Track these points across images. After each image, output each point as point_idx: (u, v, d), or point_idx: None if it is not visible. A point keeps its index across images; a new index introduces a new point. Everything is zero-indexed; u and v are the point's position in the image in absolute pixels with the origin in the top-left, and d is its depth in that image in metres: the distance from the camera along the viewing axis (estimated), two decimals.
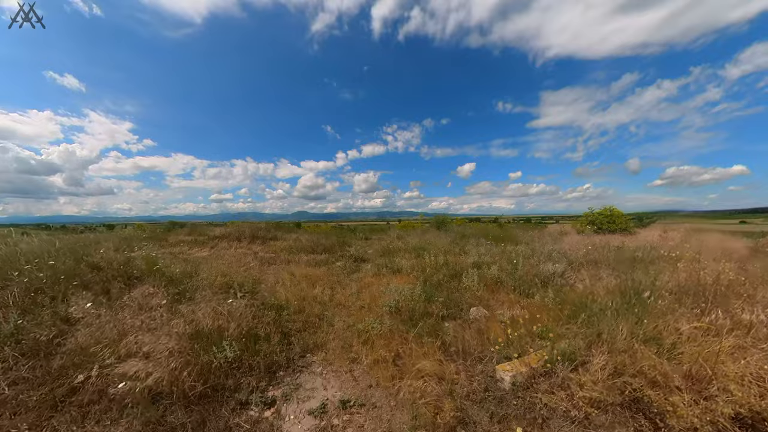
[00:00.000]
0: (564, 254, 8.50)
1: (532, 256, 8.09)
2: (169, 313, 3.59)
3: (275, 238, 13.35)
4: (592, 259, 7.43)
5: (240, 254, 10.01)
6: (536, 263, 7.34)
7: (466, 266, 7.05)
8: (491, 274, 5.99)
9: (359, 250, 10.80)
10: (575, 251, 9.70)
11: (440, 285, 5.82)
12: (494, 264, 7.23)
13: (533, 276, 6.10)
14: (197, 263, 8.29)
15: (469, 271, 6.06)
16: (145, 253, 10.53)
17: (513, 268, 6.68)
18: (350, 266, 7.97)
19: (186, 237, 18.89)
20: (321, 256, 9.29)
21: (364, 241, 15.82)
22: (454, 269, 6.75)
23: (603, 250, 8.67)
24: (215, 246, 11.76)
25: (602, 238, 12.80)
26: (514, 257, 7.60)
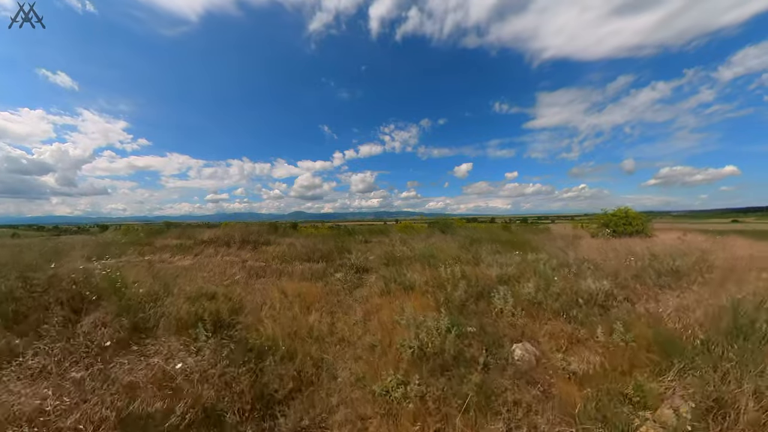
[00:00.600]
0: (593, 264, 7.48)
1: (561, 267, 7.07)
2: (99, 379, 2.45)
3: (268, 243, 12.20)
4: (636, 273, 6.42)
5: (227, 263, 8.87)
6: (572, 277, 6.31)
7: (491, 281, 6.00)
8: (526, 293, 4.94)
9: (359, 257, 9.71)
10: (603, 259, 8.70)
11: (465, 307, 4.76)
12: (523, 277, 6.20)
13: (573, 294, 5.07)
14: (175, 276, 7.16)
15: (498, 288, 5.00)
16: (117, 262, 9.36)
17: (546, 284, 5.65)
18: (351, 278, 6.88)
19: (175, 240, 17.69)
20: (318, 265, 8.20)
21: (364, 244, 14.73)
22: (477, 284, 5.70)
23: (638, 260, 7.68)
24: (201, 252, 10.60)
25: (621, 242, 11.85)
26: (542, 269, 6.57)
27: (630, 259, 7.51)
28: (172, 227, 24.59)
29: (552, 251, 9.49)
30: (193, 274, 7.41)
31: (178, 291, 5.16)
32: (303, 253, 9.40)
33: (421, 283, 5.50)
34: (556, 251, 9.54)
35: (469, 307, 4.76)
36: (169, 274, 7.24)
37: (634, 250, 9.62)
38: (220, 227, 32.93)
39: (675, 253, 8.86)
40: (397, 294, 5.25)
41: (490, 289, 5.31)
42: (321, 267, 7.98)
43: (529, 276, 6.14)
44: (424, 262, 7.95)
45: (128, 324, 3.61)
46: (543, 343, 3.81)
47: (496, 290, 5.01)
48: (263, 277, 7.07)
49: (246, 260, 9.19)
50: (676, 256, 8.37)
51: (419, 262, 8.09)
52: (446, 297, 4.91)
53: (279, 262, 8.68)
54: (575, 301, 4.87)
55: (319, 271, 7.50)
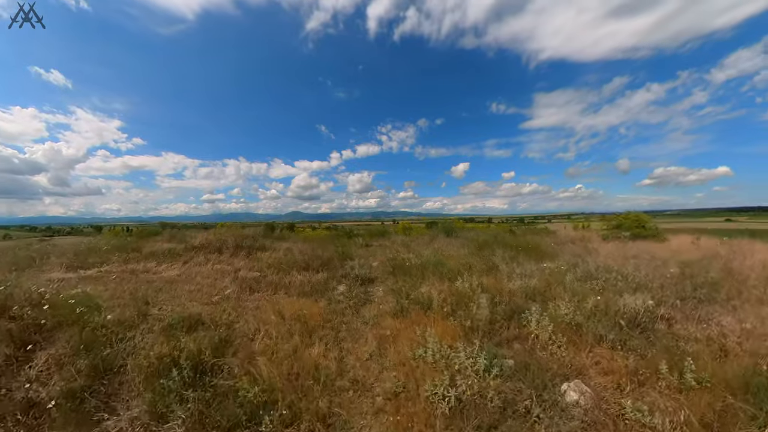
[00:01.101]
0: (620, 273, 6.88)
1: (587, 278, 6.45)
2: None
3: (263, 249, 11.43)
4: (665, 284, 5.81)
5: (218, 272, 8.12)
6: (604, 291, 5.68)
7: (516, 296, 5.35)
8: (562, 314, 4.27)
9: (362, 265, 9.02)
10: (627, 268, 8.12)
11: (494, 331, 4.10)
12: (549, 291, 5.56)
13: (614, 314, 4.43)
14: (157, 291, 6.40)
15: (530, 308, 4.34)
16: (97, 272, 8.54)
17: (578, 301, 5.02)
18: (356, 292, 6.19)
19: (165, 244, 16.81)
20: (318, 276, 7.49)
21: (365, 248, 14.04)
22: (502, 301, 5.04)
23: (663, 266, 7.09)
24: (191, 260, 9.81)
25: (636, 247, 11.31)
26: (569, 281, 5.95)
27: (659, 267, 6.91)
28: (167, 228, 23.72)
29: (569, 258, 8.88)
30: (178, 288, 6.66)
31: (155, 316, 4.41)
32: (301, 261, 8.67)
33: (438, 300, 4.82)
34: (574, 258, 8.94)
35: (500, 331, 4.09)
36: (151, 290, 6.48)
37: (657, 256, 9.07)
38: (215, 228, 32.04)
39: (695, 260, 8.32)
40: (413, 314, 4.56)
41: (520, 308, 4.65)
42: (322, 278, 7.27)
43: (556, 290, 5.51)
44: (435, 272, 7.29)
45: (87, 366, 2.88)
46: (595, 379, 3.17)
47: (528, 310, 4.36)
48: (257, 291, 6.34)
49: (239, 269, 8.44)
50: (703, 264, 7.82)
51: (429, 270, 7.42)
52: (472, 320, 4.22)
53: (275, 271, 7.94)
54: (616, 322, 4.24)
55: (320, 284, 6.79)
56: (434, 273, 7.11)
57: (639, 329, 4.00)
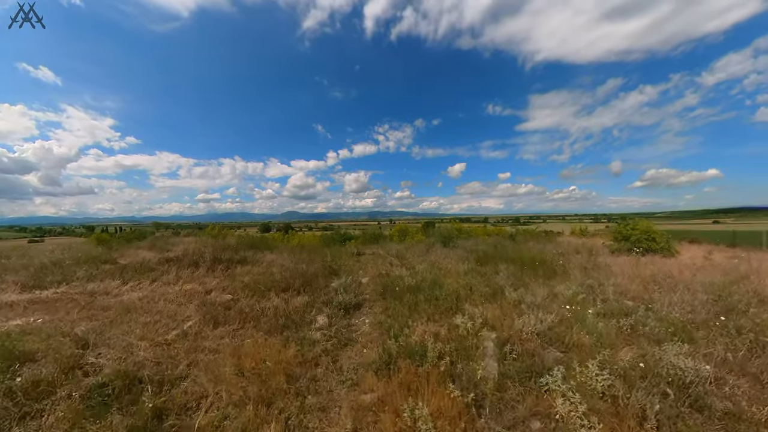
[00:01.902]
0: (646, 304, 6.04)
1: (611, 314, 5.59)
2: None
3: (244, 262, 10.48)
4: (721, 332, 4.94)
5: (186, 295, 7.17)
6: (637, 336, 4.82)
7: (531, 341, 4.47)
8: (592, 379, 3.38)
9: (350, 285, 8.11)
10: (649, 293, 7.27)
11: (505, 401, 3.21)
12: (568, 332, 4.68)
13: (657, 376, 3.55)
14: (106, 325, 5.44)
15: (553, 370, 3.45)
16: (52, 294, 7.55)
17: (608, 354, 4.15)
18: (338, 327, 5.27)
19: (145, 253, 15.82)
20: (298, 299, 6.57)
21: (356, 258, 13.13)
22: (513, 348, 4.16)
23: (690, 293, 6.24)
24: (160, 277, 8.84)
25: (650, 262, 10.50)
26: (591, 321, 5.07)
27: (682, 292, 6.05)
28: (161, 228, 22.64)
29: (581, 278, 8.03)
30: (133, 318, 5.71)
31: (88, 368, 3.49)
32: (281, 280, 7.74)
33: (434, 351, 3.92)
34: (586, 279, 8.09)
35: (513, 403, 3.20)
36: (101, 322, 5.53)
37: (676, 278, 8.24)
38: (205, 231, 30.98)
39: (721, 284, 7.48)
40: (402, 370, 3.65)
41: (537, 365, 3.77)
42: (301, 303, 6.35)
43: (578, 334, 4.63)
44: (430, 296, 6.40)
45: None
46: None
47: (549, 372, 3.47)
48: (223, 323, 5.40)
49: (210, 291, 7.49)
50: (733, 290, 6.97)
51: (424, 294, 6.53)
52: (476, 387, 3.32)
53: (250, 293, 7.01)
54: (660, 388, 3.36)
55: (297, 312, 5.87)
56: (429, 299, 6.22)
57: (690, 400, 3.13)
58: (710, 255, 11.89)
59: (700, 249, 13.63)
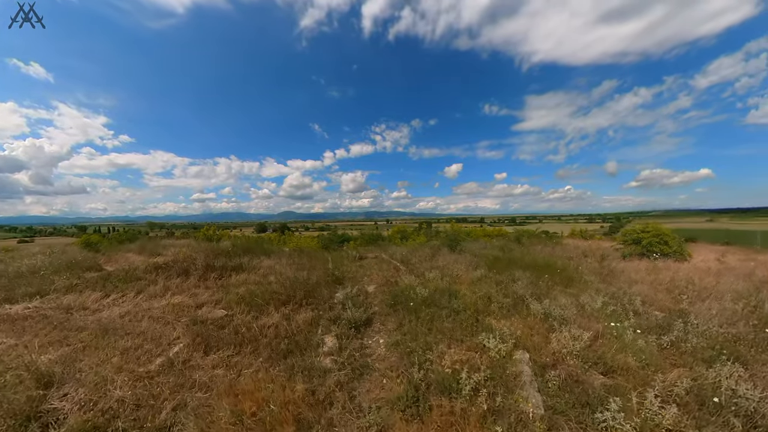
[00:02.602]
0: (683, 319, 5.53)
1: (648, 329, 5.06)
2: None
3: (239, 269, 9.75)
4: None
5: (174, 310, 6.45)
6: (681, 354, 4.28)
7: (569, 362, 3.88)
8: (659, 418, 2.82)
9: (356, 296, 7.47)
10: (675, 302, 6.78)
11: None
12: (607, 351, 4.11)
13: (729, 406, 3.02)
14: (78, 351, 4.72)
15: (608, 404, 2.88)
16: (23, 309, 6.75)
17: (660, 379, 3.60)
18: (350, 350, 4.64)
19: (135, 257, 14.97)
20: (300, 315, 5.91)
21: (358, 263, 12.49)
22: (555, 375, 3.58)
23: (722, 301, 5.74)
24: (147, 288, 8.09)
25: (666, 267, 10.06)
26: (629, 338, 4.51)
27: (707, 299, 5.55)
28: (155, 228, 21.76)
29: (601, 286, 7.51)
30: (112, 341, 4.99)
31: (50, 416, 2.79)
32: (281, 292, 7.06)
33: (468, 381, 3.30)
34: (606, 286, 7.57)
35: None
36: (73, 347, 4.80)
37: (697, 284, 7.77)
38: (198, 233, 30.02)
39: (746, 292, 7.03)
40: (434, 410, 3.03)
41: (587, 394, 3.19)
42: (304, 320, 5.69)
43: (620, 355, 4.07)
44: (448, 309, 5.81)
45: None
46: None
47: (604, 406, 2.88)
48: (216, 348, 4.72)
49: (202, 304, 6.78)
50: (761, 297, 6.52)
51: (440, 307, 5.94)
52: (523, 423, 2.73)
53: (246, 308, 6.33)
54: (726, 420, 2.82)
55: (301, 332, 5.20)
56: (447, 313, 5.63)
57: None
58: (723, 258, 11.52)
59: (711, 252, 13.30)
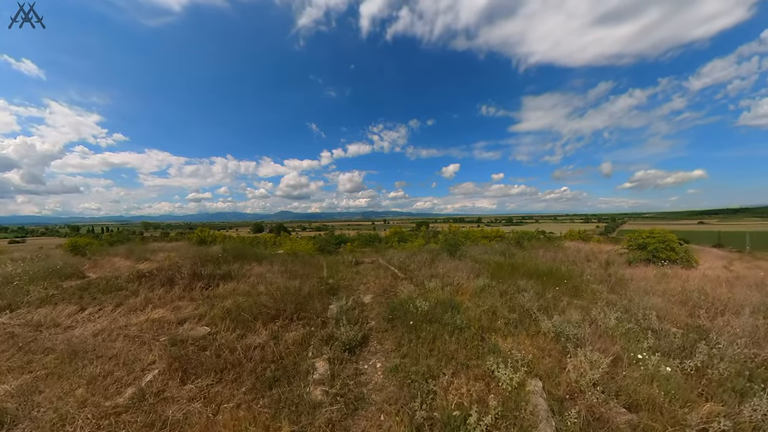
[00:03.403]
0: (704, 339, 5.18)
1: (671, 351, 4.68)
2: None
3: (228, 277, 9.24)
4: None
5: (152, 326, 5.95)
6: (714, 384, 3.90)
7: (589, 396, 3.47)
8: None
9: (351, 307, 7.03)
10: (692, 316, 6.42)
11: None
12: (632, 384, 3.71)
13: None
14: (40, 380, 4.20)
15: None
16: None
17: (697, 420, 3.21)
18: (344, 378, 4.18)
19: (122, 262, 14.40)
20: (291, 334, 5.44)
21: (354, 269, 12.04)
22: (573, 406, 3.16)
23: None
24: (126, 300, 7.57)
25: (675, 275, 9.75)
26: (652, 365, 4.12)
27: (725, 313, 5.15)
28: (150, 228, 21.15)
29: (610, 296, 7.14)
30: (80, 367, 4.49)
31: None
32: (270, 305, 6.58)
33: (477, 425, 2.87)
34: (617, 298, 7.20)
35: None
36: (35, 374, 4.29)
37: (710, 295, 7.44)
38: (197, 229, 29.25)
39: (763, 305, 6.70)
40: None
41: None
42: (294, 339, 5.22)
43: (641, 381, 3.67)
44: (450, 325, 5.39)
45: None
46: None
47: None
48: (194, 377, 4.23)
49: (184, 320, 6.28)
50: None
51: (441, 323, 5.52)
52: None
53: (232, 324, 5.85)
54: None
55: (290, 355, 4.74)
56: (450, 329, 5.21)
57: None
58: (731, 266, 11.26)
59: (717, 258, 13.06)
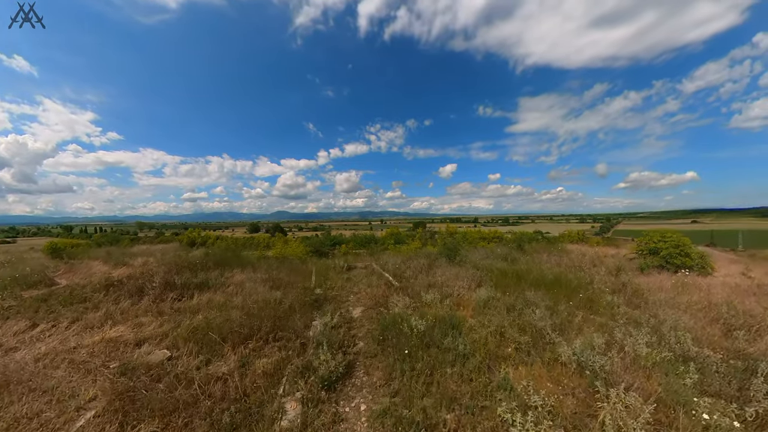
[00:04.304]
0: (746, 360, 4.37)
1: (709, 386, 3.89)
2: None
3: (204, 287, 8.36)
4: None
5: (106, 348, 5.10)
6: None
7: None
8: None
9: (336, 325, 6.20)
10: (730, 341, 5.65)
11: None
12: None
13: None
14: None
15: None
16: None
17: None
18: (316, 425, 3.36)
19: (99, 267, 13.48)
20: (262, 361, 4.60)
21: (346, 276, 11.21)
22: None
23: None
24: (84, 315, 6.70)
25: (693, 283, 8.98)
26: (700, 404, 3.33)
27: None
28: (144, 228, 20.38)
29: (636, 313, 6.34)
30: (5, 405, 3.63)
31: None
32: (244, 320, 5.74)
33: None
34: (641, 312, 6.40)
35: None
36: None
37: (738, 307, 6.67)
38: (188, 230, 28.12)
39: None
40: None
41: None
42: (266, 368, 4.38)
43: None
44: (452, 351, 4.58)
45: None
46: None
47: None
48: (137, 420, 3.39)
49: (144, 340, 5.42)
50: None
51: (439, 347, 4.71)
52: None
53: (197, 346, 5.00)
54: None
55: (257, 390, 3.90)
56: (452, 357, 4.39)
57: None
58: (749, 273, 10.52)
59: (731, 263, 12.33)
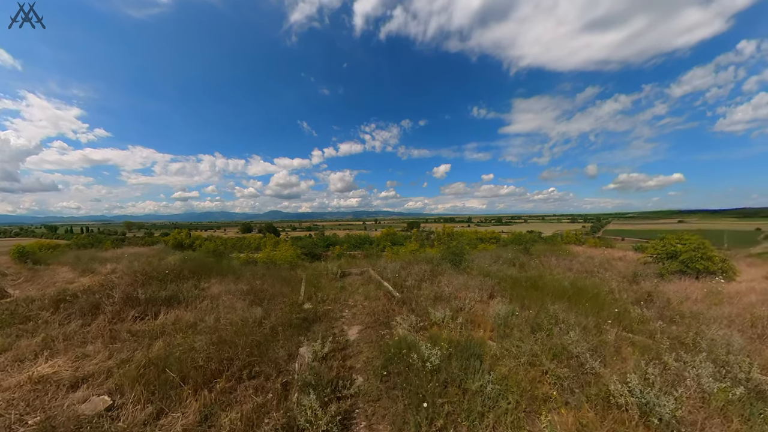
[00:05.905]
0: None
1: None
2: None
3: (173, 301, 7.15)
4: None
5: (29, 395, 3.90)
6: None
7: None
8: None
9: (328, 353, 5.11)
10: None
11: None
12: None
13: None
14: None
15: None
16: None
17: None
18: None
19: (65, 274, 12.11)
20: (231, 415, 3.49)
21: (340, 284, 10.11)
22: None
23: None
24: (18, 341, 5.47)
25: (726, 290, 8.14)
26: None
27: None
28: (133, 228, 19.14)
29: (675, 330, 5.40)
30: None
31: None
32: (215, 349, 4.60)
33: None
34: (682, 330, 5.46)
35: None
36: None
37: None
38: (174, 232, 26.59)
39: None
40: None
41: None
42: (232, 427, 3.27)
43: None
44: (480, 391, 3.55)
45: None
46: None
47: None
48: None
49: (83, 380, 4.22)
50: None
51: (459, 387, 3.66)
52: None
53: (147, 393, 3.83)
54: None
55: None
56: (478, 402, 3.35)
57: None
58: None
59: (751, 266, 11.65)
